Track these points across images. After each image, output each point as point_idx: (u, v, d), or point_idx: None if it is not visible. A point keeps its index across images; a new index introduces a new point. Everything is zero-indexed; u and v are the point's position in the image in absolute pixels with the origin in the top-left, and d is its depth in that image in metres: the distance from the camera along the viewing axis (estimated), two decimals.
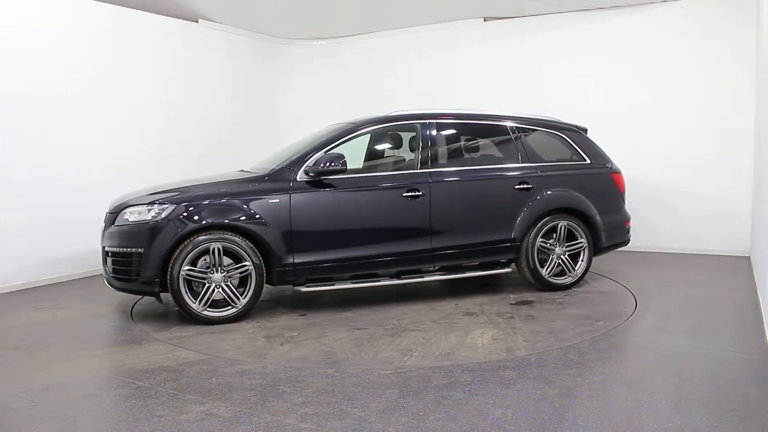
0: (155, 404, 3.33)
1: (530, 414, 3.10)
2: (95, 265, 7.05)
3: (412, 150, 5.70)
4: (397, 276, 5.43)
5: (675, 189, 7.68)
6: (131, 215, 4.94)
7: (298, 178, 5.08)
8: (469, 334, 4.50)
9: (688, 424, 2.95)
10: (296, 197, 5.02)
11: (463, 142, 5.90)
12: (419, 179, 5.39)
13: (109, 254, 5.05)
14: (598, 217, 5.87)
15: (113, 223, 5.06)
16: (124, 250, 4.90)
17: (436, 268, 5.52)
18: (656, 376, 3.68)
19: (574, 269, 5.81)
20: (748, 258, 7.22)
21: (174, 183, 5.53)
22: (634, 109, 7.82)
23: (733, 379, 3.57)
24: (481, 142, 5.97)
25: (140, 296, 5.77)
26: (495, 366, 3.80)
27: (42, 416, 3.21)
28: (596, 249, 5.94)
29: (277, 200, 4.98)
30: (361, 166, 5.78)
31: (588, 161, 6.03)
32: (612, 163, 6.16)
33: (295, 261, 5.02)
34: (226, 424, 3.05)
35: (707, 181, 7.54)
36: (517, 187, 5.64)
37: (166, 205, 4.86)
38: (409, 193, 5.31)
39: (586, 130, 6.28)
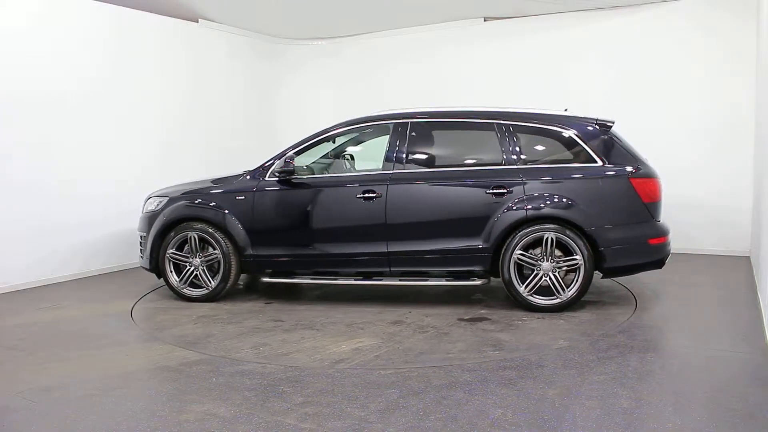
0: (155, 404, 3.34)
1: (530, 414, 3.10)
2: (95, 265, 7.08)
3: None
4: (367, 277, 5.40)
5: (674, 189, 7.63)
6: (149, 205, 5.91)
7: (267, 178, 5.54)
8: (350, 340, 4.41)
9: (688, 424, 2.95)
10: (259, 195, 5.52)
11: (436, 142, 5.59)
12: (378, 180, 5.29)
13: (138, 236, 6.00)
14: (600, 231, 4.93)
15: (143, 211, 5.99)
16: (140, 233, 5.90)
17: (392, 271, 5.29)
18: (656, 376, 3.68)
19: (564, 290, 4.99)
20: (748, 258, 7.22)
21: (197, 180, 6.02)
22: (633, 109, 7.81)
23: (733, 379, 3.57)
24: (457, 141, 5.64)
25: (139, 297, 5.96)
26: (495, 366, 3.80)
27: (42, 416, 3.22)
28: (601, 269, 5.06)
29: (243, 197, 5.53)
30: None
31: (599, 163, 5.06)
32: (639, 167, 5.08)
33: (255, 253, 5.50)
34: (226, 424, 3.05)
35: (707, 181, 7.54)
36: (490, 191, 5.06)
37: (162, 199, 5.77)
38: (364, 194, 5.24)
39: (608, 126, 5.24)
